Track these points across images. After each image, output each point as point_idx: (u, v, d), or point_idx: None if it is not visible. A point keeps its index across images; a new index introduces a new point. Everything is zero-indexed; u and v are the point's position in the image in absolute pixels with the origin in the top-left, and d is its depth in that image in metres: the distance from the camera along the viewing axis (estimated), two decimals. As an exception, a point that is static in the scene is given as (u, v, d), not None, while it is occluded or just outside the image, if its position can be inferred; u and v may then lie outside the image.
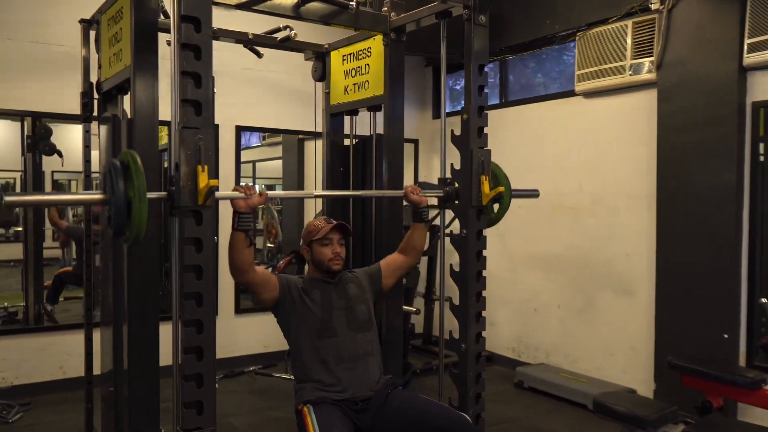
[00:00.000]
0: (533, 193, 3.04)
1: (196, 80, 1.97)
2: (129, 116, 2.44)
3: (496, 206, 2.76)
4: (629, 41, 4.18)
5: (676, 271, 4.01)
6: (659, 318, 4.12)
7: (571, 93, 4.73)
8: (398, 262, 2.80)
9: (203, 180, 1.93)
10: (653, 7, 4.04)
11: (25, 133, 4.72)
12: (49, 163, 5.68)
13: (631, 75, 4.20)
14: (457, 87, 6.31)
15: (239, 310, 5.23)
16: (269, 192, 2.28)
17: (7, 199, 1.73)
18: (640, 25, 4.13)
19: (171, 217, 2.01)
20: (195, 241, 1.97)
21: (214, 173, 1.97)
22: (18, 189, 5.99)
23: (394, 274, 2.80)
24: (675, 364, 3.21)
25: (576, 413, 4.20)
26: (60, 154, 5.09)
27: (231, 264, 2.35)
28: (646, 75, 4.12)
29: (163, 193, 1.99)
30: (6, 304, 5.50)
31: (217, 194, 2.12)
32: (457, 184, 2.68)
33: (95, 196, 1.93)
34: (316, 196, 2.55)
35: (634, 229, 4.35)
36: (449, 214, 2.82)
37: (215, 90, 2.10)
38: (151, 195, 1.90)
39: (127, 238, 1.89)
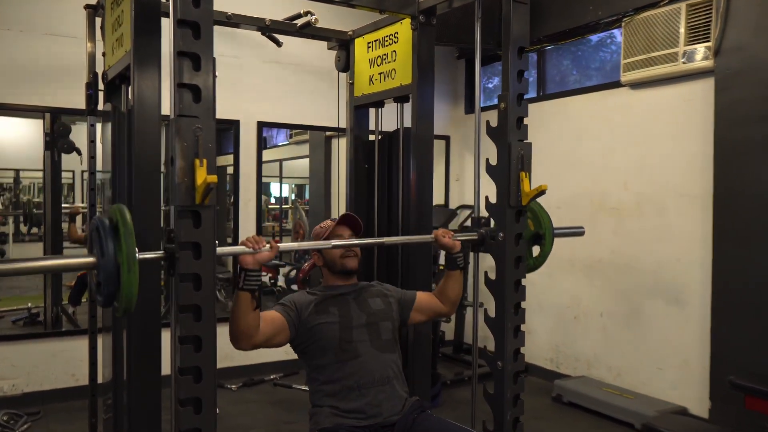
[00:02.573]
0: (578, 231, 2.79)
1: (194, 61, 1.73)
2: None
3: (536, 250, 2.48)
4: (682, 26, 3.81)
5: (735, 279, 3.63)
6: (715, 330, 3.74)
7: (617, 84, 4.37)
8: (433, 304, 2.49)
9: (201, 176, 1.67)
10: (710, -13, 3.68)
11: (44, 130, 4.60)
12: (77, 161, 5.56)
13: (684, 63, 3.84)
14: (489, 85, 5.99)
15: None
16: (281, 245, 1.99)
17: None
18: (694, 8, 3.76)
19: (169, 277, 1.74)
20: (193, 246, 1.72)
21: (214, 169, 1.72)
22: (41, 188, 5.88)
23: (425, 313, 2.49)
24: (738, 384, 2.88)
25: (621, 433, 3.86)
26: (79, 152, 4.93)
27: (234, 329, 2.00)
28: (701, 62, 3.75)
29: (160, 253, 1.74)
30: (30, 304, 5.44)
31: (220, 250, 1.82)
32: (493, 222, 2.38)
33: (87, 260, 1.64)
34: (334, 246, 2.30)
35: (686, 232, 3.98)
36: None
37: (216, 75, 1.84)
38: (144, 256, 1.65)
39: (117, 309, 1.63)
